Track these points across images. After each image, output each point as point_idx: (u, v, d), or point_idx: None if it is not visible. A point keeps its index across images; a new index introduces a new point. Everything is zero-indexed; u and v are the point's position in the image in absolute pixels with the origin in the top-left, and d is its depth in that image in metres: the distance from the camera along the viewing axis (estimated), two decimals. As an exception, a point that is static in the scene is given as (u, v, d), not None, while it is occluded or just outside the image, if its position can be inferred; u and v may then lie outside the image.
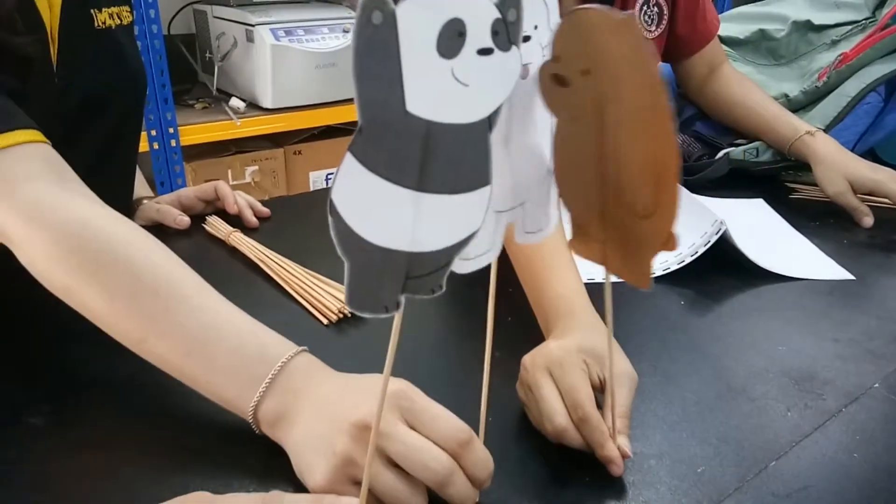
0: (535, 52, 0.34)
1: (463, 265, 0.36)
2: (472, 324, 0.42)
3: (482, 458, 0.40)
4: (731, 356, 0.59)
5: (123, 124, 0.76)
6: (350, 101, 2.07)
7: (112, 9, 0.72)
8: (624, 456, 0.44)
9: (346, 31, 2.04)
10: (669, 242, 0.38)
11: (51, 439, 0.48)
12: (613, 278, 0.40)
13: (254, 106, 1.99)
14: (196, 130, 1.86)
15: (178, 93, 1.97)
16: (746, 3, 1.25)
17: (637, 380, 0.48)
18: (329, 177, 2.16)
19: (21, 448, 0.47)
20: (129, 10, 0.75)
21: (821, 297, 0.69)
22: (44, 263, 0.49)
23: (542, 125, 0.36)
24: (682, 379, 0.56)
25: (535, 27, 0.33)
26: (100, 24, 0.70)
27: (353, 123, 0.27)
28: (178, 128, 1.82)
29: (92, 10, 0.69)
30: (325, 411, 0.42)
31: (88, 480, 0.45)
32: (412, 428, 0.40)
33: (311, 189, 2.17)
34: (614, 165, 0.37)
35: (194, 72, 2.12)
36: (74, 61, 0.66)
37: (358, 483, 0.40)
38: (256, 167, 2.06)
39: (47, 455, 0.47)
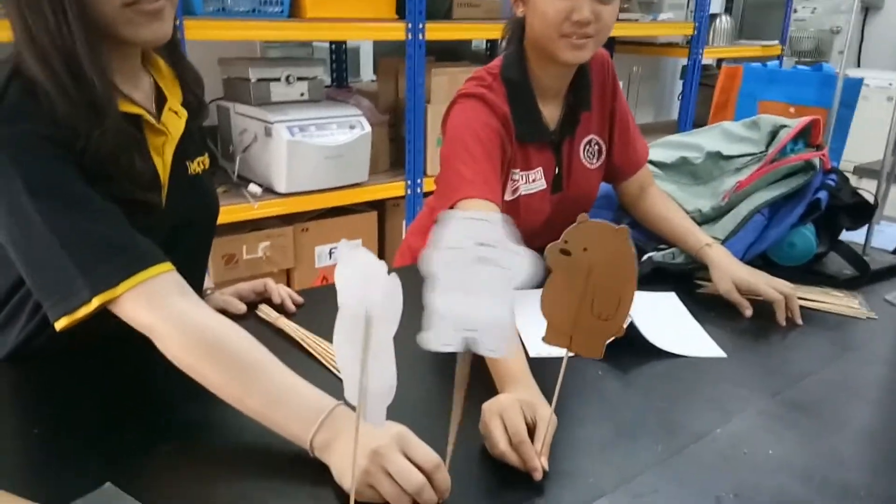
0: None
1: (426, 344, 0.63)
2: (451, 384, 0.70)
3: (444, 479, 0.68)
4: (627, 408, 0.87)
5: (201, 239, 1.05)
6: (352, 186, 2.40)
7: (198, 159, 1.02)
8: (543, 469, 0.72)
9: (352, 128, 2.34)
10: (619, 332, 0.70)
11: (178, 458, 0.76)
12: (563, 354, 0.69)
13: (268, 190, 2.26)
14: (219, 213, 2.13)
15: (204, 179, 2.24)
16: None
17: (556, 422, 0.76)
18: (332, 251, 2.42)
19: (155, 468, 0.74)
20: (208, 157, 1.05)
21: (697, 369, 0.98)
22: (177, 351, 0.77)
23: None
24: (589, 425, 0.83)
25: None
26: (192, 172, 0.99)
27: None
28: (205, 211, 2.09)
29: (186, 162, 0.99)
30: (353, 443, 0.69)
31: (208, 485, 0.72)
32: (405, 455, 0.67)
33: (316, 263, 2.44)
34: (591, 295, 0.68)
35: (215, 158, 2.41)
36: (175, 202, 0.94)
37: (372, 487, 0.67)
38: (268, 243, 2.33)
39: (178, 471, 0.74)
